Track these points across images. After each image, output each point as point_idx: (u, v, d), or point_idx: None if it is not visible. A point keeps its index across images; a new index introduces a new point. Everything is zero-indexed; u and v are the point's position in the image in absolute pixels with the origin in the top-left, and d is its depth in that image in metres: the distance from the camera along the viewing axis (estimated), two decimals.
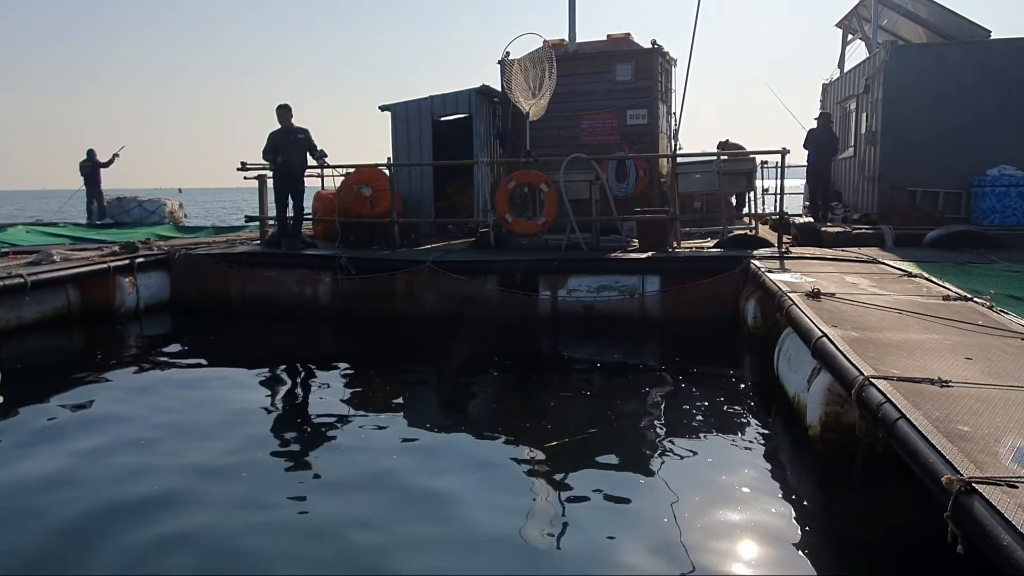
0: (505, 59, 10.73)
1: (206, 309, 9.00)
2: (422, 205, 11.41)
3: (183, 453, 4.62)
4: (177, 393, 5.99)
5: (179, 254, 9.33)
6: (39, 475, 4.28)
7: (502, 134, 11.55)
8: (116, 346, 7.87)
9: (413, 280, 8.46)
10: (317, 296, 8.86)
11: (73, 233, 13.88)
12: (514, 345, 7.67)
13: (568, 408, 5.63)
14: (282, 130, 9.43)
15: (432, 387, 6.66)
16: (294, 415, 5.64)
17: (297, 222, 9.85)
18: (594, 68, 11.23)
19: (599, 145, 11.07)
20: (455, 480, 4.20)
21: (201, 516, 3.76)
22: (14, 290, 7.25)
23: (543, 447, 4.71)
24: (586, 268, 8.30)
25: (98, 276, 8.29)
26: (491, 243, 9.39)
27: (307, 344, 8.17)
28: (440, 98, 11.61)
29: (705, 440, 4.77)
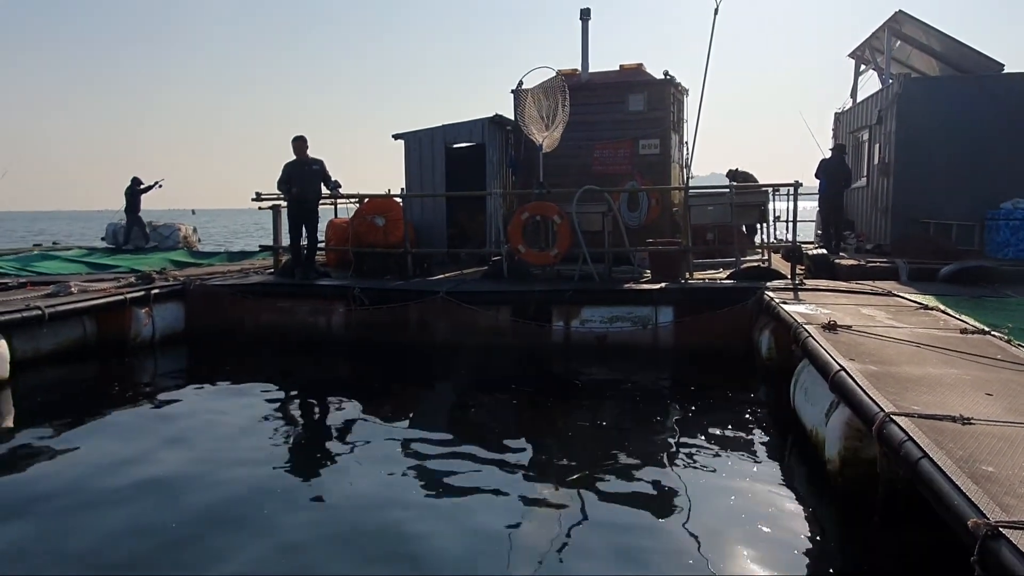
0: (519, 89, 10.85)
1: (221, 339, 9.04)
2: (435, 234, 11.48)
3: (199, 480, 4.63)
4: (191, 424, 6.00)
5: (194, 285, 9.40)
6: (56, 504, 4.28)
7: (515, 163, 11.65)
8: (132, 377, 7.91)
9: (426, 310, 8.48)
10: (331, 326, 8.89)
11: (86, 259, 14.01)
12: (527, 375, 7.65)
13: (582, 439, 5.58)
14: (297, 161, 9.55)
15: (445, 417, 6.63)
16: (308, 446, 5.64)
17: (311, 252, 9.93)
18: (607, 98, 11.35)
19: (611, 174, 11.14)
20: (467, 514, 4.17)
21: (216, 539, 3.75)
22: (32, 322, 7.32)
23: (556, 479, 4.68)
24: (599, 299, 8.30)
25: (114, 308, 8.35)
26: (504, 273, 9.42)
27: (321, 374, 8.18)
28: (453, 127, 11.73)
29: (720, 472, 4.71)
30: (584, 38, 11.64)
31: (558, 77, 10.24)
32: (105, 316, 8.37)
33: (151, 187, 16.76)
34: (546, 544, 3.76)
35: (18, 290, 9.05)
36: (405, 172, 11.89)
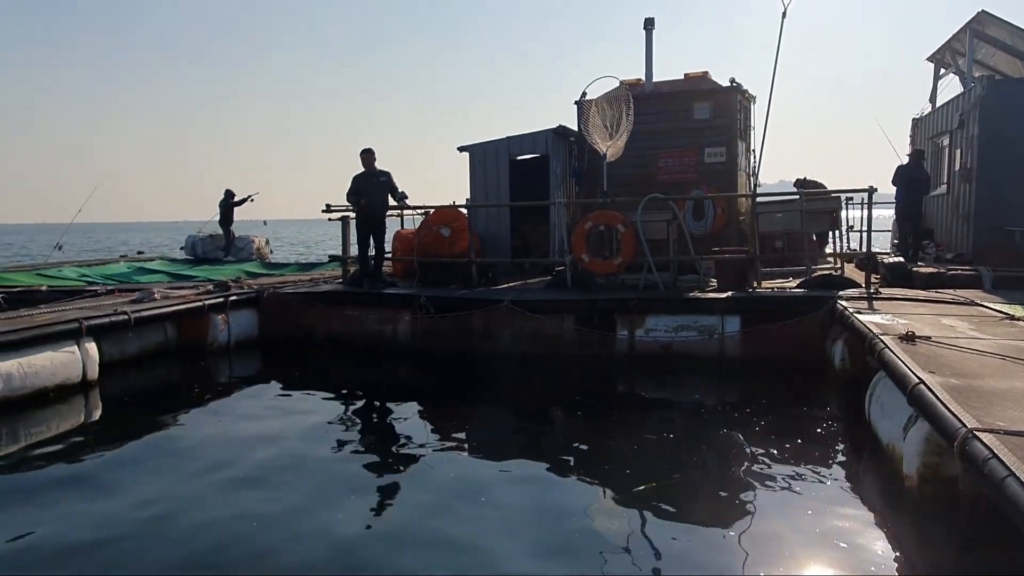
0: (582, 100, 10.87)
1: (292, 345, 9.33)
2: (499, 244, 11.57)
3: (270, 476, 4.80)
4: (261, 426, 6.20)
5: (267, 293, 9.74)
6: (140, 499, 4.51)
7: (578, 173, 11.65)
8: (209, 380, 8.24)
9: (491, 319, 8.55)
10: (397, 334, 9.06)
11: (167, 269, 14.72)
12: (591, 384, 7.62)
13: (648, 450, 5.52)
14: (365, 173, 9.81)
15: (508, 426, 6.66)
16: (372, 451, 5.73)
17: (378, 261, 10.16)
18: (671, 107, 11.25)
19: (676, 183, 11.02)
20: (530, 524, 4.18)
21: (274, 537, 3.88)
22: (119, 326, 7.73)
23: (623, 491, 4.63)
24: (664, 307, 8.20)
25: (194, 314, 8.74)
26: (568, 282, 9.42)
27: (387, 380, 8.33)
28: (517, 139, 11.83)
29: (792, 488, 4.58)
30: (648, 48, 11.58)
31: (622, 86, 10.21)
32: (185, 321, 8.77)
33: (244, 200, 17.55)
34: (606, 560, 3.73)
35: (106, 296, 9.57)
36: (470, 184, 12.05)
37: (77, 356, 7.08)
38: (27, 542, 3.95)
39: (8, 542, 3.93)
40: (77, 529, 4.13)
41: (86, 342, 7.21)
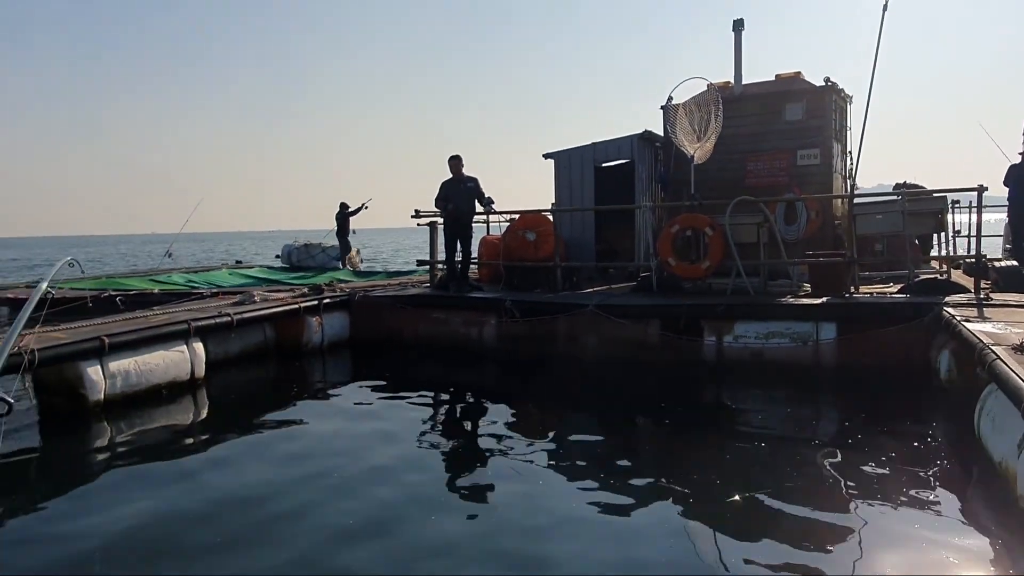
0: (668, 104, 10.74)
1: (381, 347, 9.62)
2: (584, 249, 11.56)
3: (359, 471, 4.97)
4: (351, 424, 6.45)
5: (358, 296, 10.08)
6: (243, 488, 4.76)
7: (664, 178, 11.51)
8: (305, 379, 8.60)
9: (575, 323, 8.55)
10: (482, 337, 9.19)
11: (265, 276, 15.48)
12: (677, 391, 7.49)
13: (737, 461, 5.37)
14: (453, 179, 10.02)
15: (591, 431, 6.62)
16: (454, 453, 5.82)
17: (465, 266, 10.35)
18: (762, 108, 10.95)
19: (766, 187, 10.71)
20: (612, 532, 4.16)
21: (358, 535, 4.01)
22: (224, 327, 8.19)
23: (710, 502, 4.53)
24: (754, 313, 7.97)
25: (290, 316, 9.15)
26: (653, 287, 9.31)
27: (472, 383, 8.43)
28: (602, 145, 11.80)
29: (893, 506, 4.36)
30: (737, 49, 11.31)
31: (711, 89, 10.03)
32: (282, 323, 9.19)
33: (359, 209, 18.31)
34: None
35: (211, 299, 10.15)
36: (555, 190, 12.11)
37: (186, 355, 7.54)
38: (145, 523, 4.24)
39: (126, 526, 4.24)
40: (188, 513, 4.41)
41: (194, 342, 7.67)
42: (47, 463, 5.63)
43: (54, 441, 6.08)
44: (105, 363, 6.74)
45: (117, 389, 6.83)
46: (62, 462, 5.66)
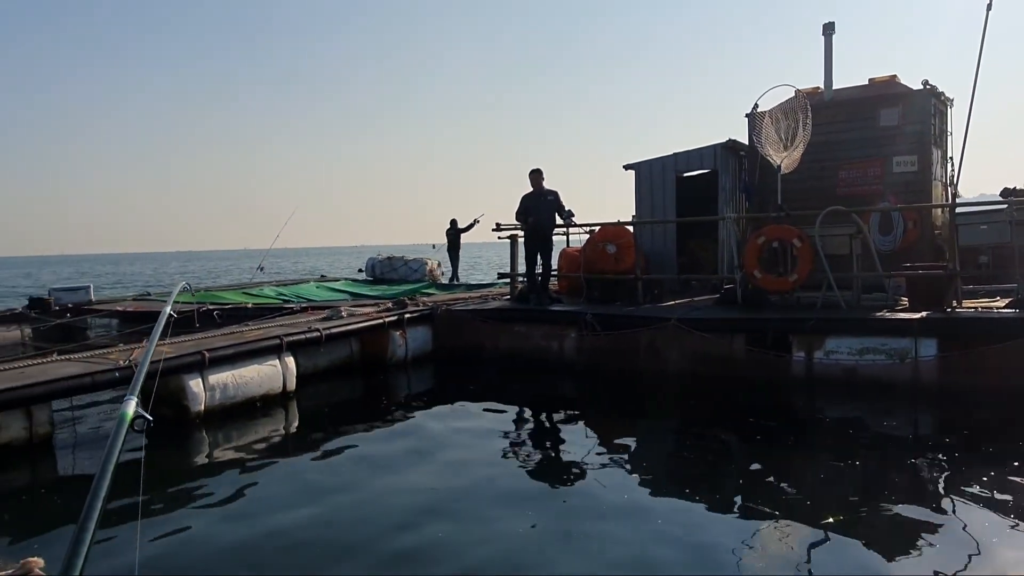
0: (754, 112, 10.49)
1: (463, 360, 9.74)
2: (665, 261, 11.40)
3: (444, 483, 5.04)
4: (435, 435, 6.55)
5: (440, 310, 10.25)
6: (334, 496, 4.92)
7: (748, 188, 11.23)
8: (389, 392, 8.79)
9: (657, 337, 8.42)
10: (563, 350, 9.17)
11: (350, 289, 15.97)
12: (763, 408, 7.25)
13: (830, 479, 5.16)
14: (533, 192, 10.09)
15: (674, 448, 6.50)
16: (538, 464, 5.81)
17: (545, 278, 10.38)
18: (854, 114, 10.53)
19: (858, 196, 10.28)
20: (700, 550, 4.05)
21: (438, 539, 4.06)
22: (314, 342, 8.49)
23: (803, 520, 4.37)
24: (847, 328, 7.64)
25: (375, 330, 9.40)
26: (738, 300, 9.07)
27: (553, 396, 8.43)
28: (684, 154, 11.63)
29: (999, 536, 4.08)
30: (827, 53, 10.93)
31: (799, 95, 9.71)
32: (368, 337, 9.44)
33: (471, 225, 18.76)
34: None
35: (301, 314, 10.54)
36: (636, 202, 12.00)
37: (279, 369, 7.85)
38: (243, 528, 4.44)
39: (226, 529, 4.45)
40: (284, 519, 4.58)
41: (286, 356, 7.98)
42: (153, 469, 5.97)
43: (159, 450, 6.44)
44: (206, 376, 7.11)
45: (216, 401, 7.18)
46: (167, 470, 5.98)
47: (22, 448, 6.14)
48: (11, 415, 6.04)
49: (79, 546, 1.56)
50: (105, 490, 1.70)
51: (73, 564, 1.50)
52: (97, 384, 6.56)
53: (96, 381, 6.52)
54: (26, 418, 6.20)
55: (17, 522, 4.85)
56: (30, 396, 6.14)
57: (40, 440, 6.30)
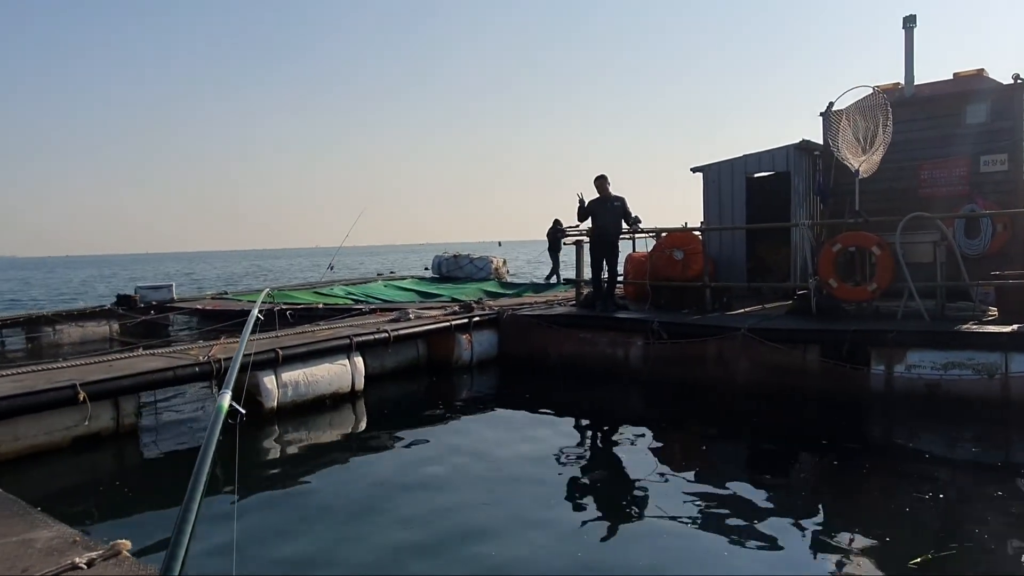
0: (829, 112, 10.14)
1: (528, 365, 9.75)
2: (733, 267, 11.14)
3: (504, 487, 5.06)
4: (496, 438, 6.60)
5: (506, 315, 10.29)
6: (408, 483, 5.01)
7: (823, 190, 10.86)
8: (454, 394, 8.88)
9: (726, 346, 8.22)
10: (628, 358, 9.06)
11: (417, 287, 16.20)
12: (838, 424, 6.97)
13: (914, 511, 4.76)
14: (600, 198, 10.00)
15: (741, 464, 6.31)
16: (600, 474, 5.79)
17: (611, 285, 10.28)
18: (937, 112, 10.08)
19: (942, 198, 9.84)
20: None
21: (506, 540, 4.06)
22: (382, 343, 8.66)
23: (887, 561, 4.05)
24: (930, 341, 7.27)
25: (442, 333, 9.51)
26: (812, 309, 8.78)
27: (617, 405, 8.35)
28: (755, 156, 11.32)
29: None
30: (908, 47, 10.48)
31: (878, 94, 9.33)
32: (434, 340, 9.57)
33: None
34: None
35: (369, 315, 10.76)
36: (703, 205, 11.76)
37: (348, 368, 8.04)
38: (316, 521, 4.57)
39: (299, 522, 4.59)
40: (356, 511, 4.69)
41: (355, 356, 8.17)
42: (232, 464, 6.19)
43: (233, 443, 6.68)
44: (279, 373, 7.35)
45: (288, 398, 7.42)
46: (246, 463, 6.20)
47: (110, 437, 6.49)
48: (101, 405, 6.40)
49: (184, 525, 1.62)
50: (205, 479, 1.77)
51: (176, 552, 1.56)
52: (179, 378, 6.89)
53: (178, 375, 6.85)
54: (114, 408, 6.56)
55: (106, 506, 5.13)
56: (118, 388, 6.50)
57: (126, 430, 6.65)
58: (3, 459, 5.77)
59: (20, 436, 5.91)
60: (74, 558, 2.79)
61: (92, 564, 2.77)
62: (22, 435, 5.92)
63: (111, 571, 2.71)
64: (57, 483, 5.61)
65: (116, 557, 2.83)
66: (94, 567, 2.75)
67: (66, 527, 3.19)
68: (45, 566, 2.77)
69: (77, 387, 6.08)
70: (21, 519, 3.30)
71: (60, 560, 2.81)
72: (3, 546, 2.99)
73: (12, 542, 3.03)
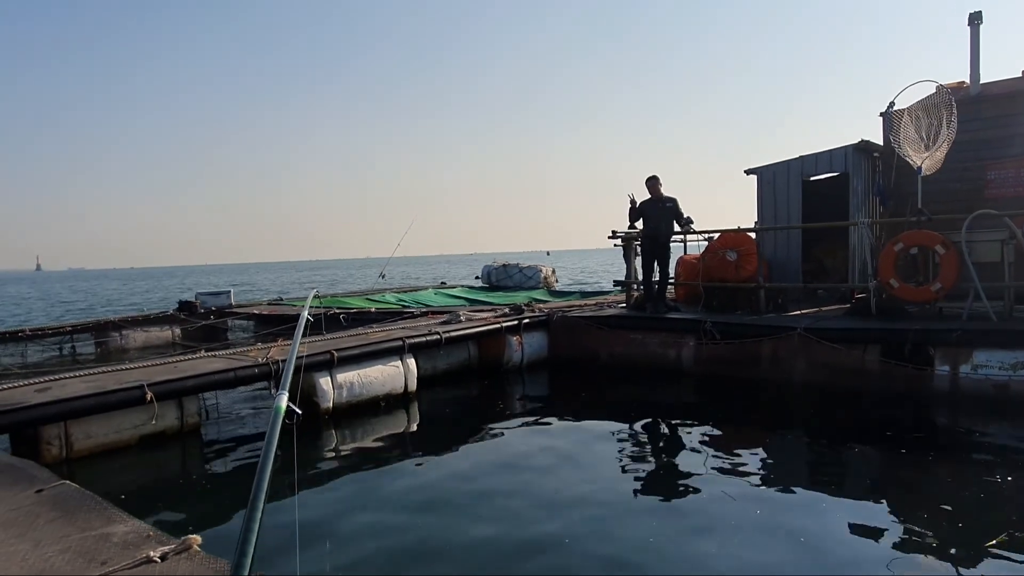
0: (890, 110, 9.87)
1: (578, 366, 9.73)
2: (788, 269, 10.91)
3: (556, 485, 5.05)
4: (549, 441, 6.56)
5: (557, 316, 10.29)
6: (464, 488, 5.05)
7: (882, 191, 10.57)
8: (505, 396, 8.91)
9: (781, 346, 8.07)
10: (680, 359, 8.97)
11: (467, 295, 16.34)
12: (900, 425, 6.76)
13: (985, 497, 4.72)
14: (651, 199, 9.95)
15: (799, 467, 6.13)
16: (654, 475, 5.71)
17: (662, 286, 10.19)
18: (1006, 110, 9.70)
19: (1012, 198, 9.45)
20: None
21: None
22: (433, 345, 8.75)
23: (964, 544, 4.02)
24: (999, 341, 7.02)
25: (492, 335, 9.56)
26: (871, 310, 8.54)
27: (670, 405, 8.25)
28: (811, 157, 11.09)
29: None
30: (974, 45, 10.14)
31: (943, 91, 9.05)
32: (485, 342, 9.62)
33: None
34: None
35: (421, 318, 10.89)
36: (757, 208, 11.56)
37: (401, 370, 8.15)
38: (374, 521, 4.64)
39: (359, 522, 4.67)
40: (400, 514, 4.75)
41: (408, 358, 8.27)
42: (289, 464, 6.34)
43: (292, 442, 6.83)
44: (334, 375, 7.49)
45: (343, 399, 7.55)
46: (303, 463, 6.34)
47: (175, 435, 6.71)
48: (166, 405, 6.62)
49: (251, 523, 1.70)
50: (268, 478, 1.85)
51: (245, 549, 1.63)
52: (239, 379, 7.08)
53: (238, 376, 7.04)
54: (178, 408, 6.78)
55: (174, 502, 5.29)
56: (183, 388, 6.71)
57: (190, 429, 6.87)
58: (77, 456, 6.02)
59: (92, 434, 6.15)
60: (149, 552, 2.90)
61: (165, 558, 2.86)
62: (94, 433, 6.16)
63: (183, 565, 2.80)
64: (127, 480, 5.81)
65: (187, 551, 2.92)
66: (167, 561, 2.85)
67: (140, 522, 3.31)
68: (123, 559, 2.88)
69: (145, 387, 6.29)
70: (99, 514, 3.44)
71: (136, 554, 2.91)
72: (83, 539, 3.12)
73: (92, 535, 3.16)
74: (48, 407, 5.85)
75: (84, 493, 3.76)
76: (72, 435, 6.03)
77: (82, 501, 3.64)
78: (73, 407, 5.97)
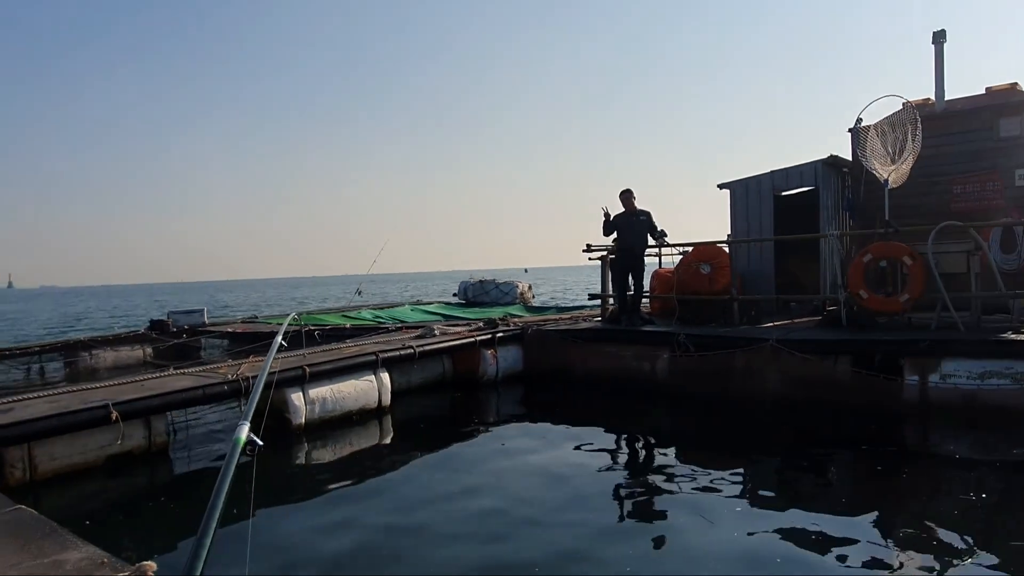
0: (858, 125, 10.05)
1: (553, 380, 9.71)
2: (762, 282, 11.01)
3: (526, 501, 5.01)
4: (523, 455, 6.51)
5: (531, 330, 10.28)
6: (414, 509, 4.98)
7: (852, 205, 10.74)
8: (480, 409, 8.87)
9: (754, 358, 8.11)
10: (655, 371, 8.99)
11: (443, 311, 16.29)
12: (871, 435, 6.81)
13: (960, 513, 4.72)
14: (625, 213, 10.00)
15: (772, 478, 6.14)
16: (628, 488, 5.70)
17: (636, 299, 10.23)
18: (969, 126, 9.93)
19: (975, 212, 9.65)
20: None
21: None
22: (407, 359, 8.69)
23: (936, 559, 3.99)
24: (967, 350, 7.11)
25: (467, 348, 9.53)
26: (842, 321, 8.64)
27: (644, 418, 8.25)
28: (782, 172, 11.24)
29: None
30: (938, 63, 10.38)
31: (908, 107, 9.24)
32: (460, 355, 9.59)
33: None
34: None
35: (395, 333, 10.82)
36: (731, 222, 11.67)
37: (375, 384, 8.08)
38: (341, 536, 4.56)
39: (324, 535, 4.58)
40: (369, 525, 4.68)
41: (381, 372, 8.21)
42: (257, 479, 6.22)
43: (263, 460, 6.71)
44: (306, 390, 7.40)
45: (316, 414, 7.46)
46: (270, 479, 6.23)
47: (142, 455, 6.56)
48: (133, 425, 6.47)
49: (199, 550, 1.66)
50: (220, 509, 1.80)
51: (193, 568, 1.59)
52: (208, 396, 6.95)
53: (207, 393, 6.91)
54: (145, 427, 6.63)
55: (135, 526, 5.15)
56: (149, 407, 6.56)
57: (158, 448, 6.72)
58: (42, 478, 5.85)
59: (57, 456, 5.98)
60: None
61: None
62: (58, 455, 5.99)
63: None
64: (91, 503, 5.66)
65: None
66: None
67: (95, 548, 3.22)
68: None
69: (110, 407, 6.15)
70: (53, 541, 3.34)
71: None
72: (35, 567, 3.02)
73: (44, 563, 3.07)
74: (10, 428, 5.67)
75: (40, 519, 3.65)
76: (36, 457, 5.86)
77: (37, 527, 3.54)
78: (36, 428, 5.79)
